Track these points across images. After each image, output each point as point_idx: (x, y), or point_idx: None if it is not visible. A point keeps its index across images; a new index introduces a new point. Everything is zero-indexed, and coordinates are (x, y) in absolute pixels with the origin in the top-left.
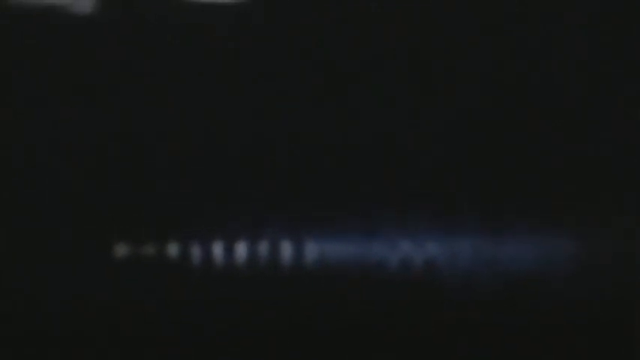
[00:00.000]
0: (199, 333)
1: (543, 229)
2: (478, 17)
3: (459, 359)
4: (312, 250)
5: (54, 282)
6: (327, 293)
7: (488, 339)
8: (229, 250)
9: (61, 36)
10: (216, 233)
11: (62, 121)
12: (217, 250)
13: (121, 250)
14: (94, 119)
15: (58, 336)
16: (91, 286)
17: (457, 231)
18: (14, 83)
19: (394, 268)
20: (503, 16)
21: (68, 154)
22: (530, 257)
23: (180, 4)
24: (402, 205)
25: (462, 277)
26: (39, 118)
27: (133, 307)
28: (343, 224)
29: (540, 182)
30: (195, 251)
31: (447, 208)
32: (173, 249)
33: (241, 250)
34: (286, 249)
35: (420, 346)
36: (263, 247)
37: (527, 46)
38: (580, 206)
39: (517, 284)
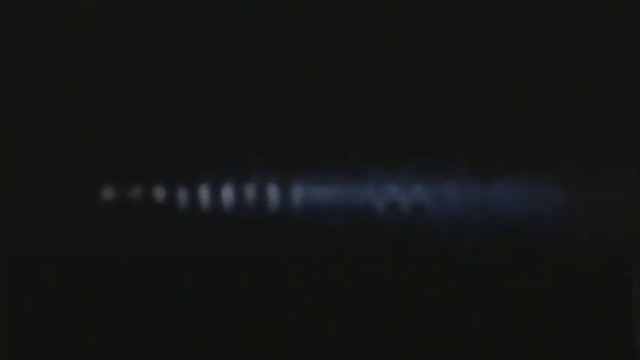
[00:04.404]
0: (186, 276)
1: (532, 173)
2: None
3: (447, 303)
4: (299, 194)
5: (42, 225)
6: (314, 237)
7: (476, 283)
8: (216, 194)
9: None
10: (202, 176)
11: (48, 65)
12: (204, 193)
13: (108, 193)
14: (81, 62)
15: (45, 278)
16: (78, 229)
17: (445, 175)
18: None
19: (381, 212)
20: None
21: (55, 98)
22: (518, 201)
23: None
24: (390, 149)
25: (449, 221)
26: (27, 62)
27: (120, 249)
28: (330, 168)
29: (528, 127)
30: (182, 194)
31: (435, 153)
32: (160, 192)
33: (228, 193)
34: (273, 192)
35: (408, 291)
36: (250, 191)
37: None
38: (568, 151)
39: (505, 228)
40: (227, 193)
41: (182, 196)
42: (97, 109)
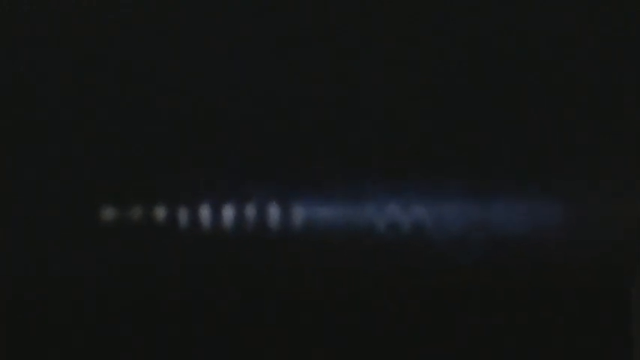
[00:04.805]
0: (187, 296)
1: (532, 191)
2: None
3: (447, 322)
4: (300, 213)
5: (41, 245)
6: (314, 257)
7: (477, 302)
8: (216, 214)
9: None
10: (203, 197)
11: (48, 81)
12: (204, 213)
13: (108, 213)
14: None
15: (44, 298)
16: (77, 249)
17: (445, 194)
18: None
19: (382, 231)
20: None
21: (56, 117)
22: (518, 220)
23: None
24: (390, 168)
25: (450, 240)
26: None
27: (120, 270)
28: (330, 188)
29: (528, 145)
30: (183, 214)
31: (435, 171)
32: (160, 212)
33: (227, 212)
34: (273, 213)
35: (407, 309)
36: (250, 211)
37: (517, 6)
38: (568, 168)
39: (506, 247)
40: (226, 212)
41: (181, 212)
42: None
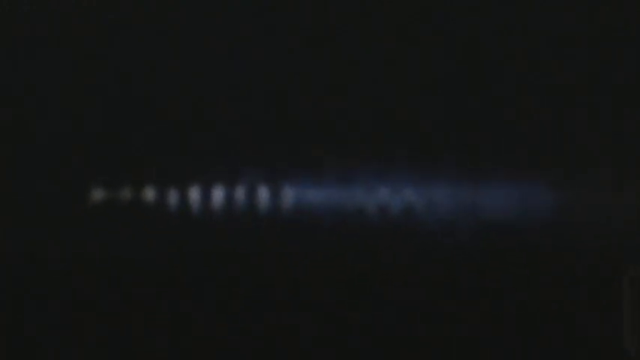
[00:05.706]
0: (177, 277)
1: (521, 175)
2: None
3: (436, 305)
4: (290, 195)
5: (32, 226)
6: (304, 238)
7: (466, 284)
8: (206, 195)
9: None
10: (193, 178)
11: (39, 68)
12: (194, 194)
13: (98, 194)
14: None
15: (35, 279)
16: (67, 230)
17: (435, 177)
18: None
19: (372, 213)
20: None
21: (46, 100)
22: (508, 203)
23: None
24: (381, 151)
25: (439, 223)
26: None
27: (110, 251)
28: (321, 170)
29: (518, 130)
30: (173, 196)
31: (425, 155)
32: (150, 193)
33: (220, 195)
34: (263, 194)
35: (397, 291)
36: (240, 192)
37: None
38: (558, 154)
39: (495, 230)
40: (219, 195)
41: (173, 197)
42: (93, 110)
